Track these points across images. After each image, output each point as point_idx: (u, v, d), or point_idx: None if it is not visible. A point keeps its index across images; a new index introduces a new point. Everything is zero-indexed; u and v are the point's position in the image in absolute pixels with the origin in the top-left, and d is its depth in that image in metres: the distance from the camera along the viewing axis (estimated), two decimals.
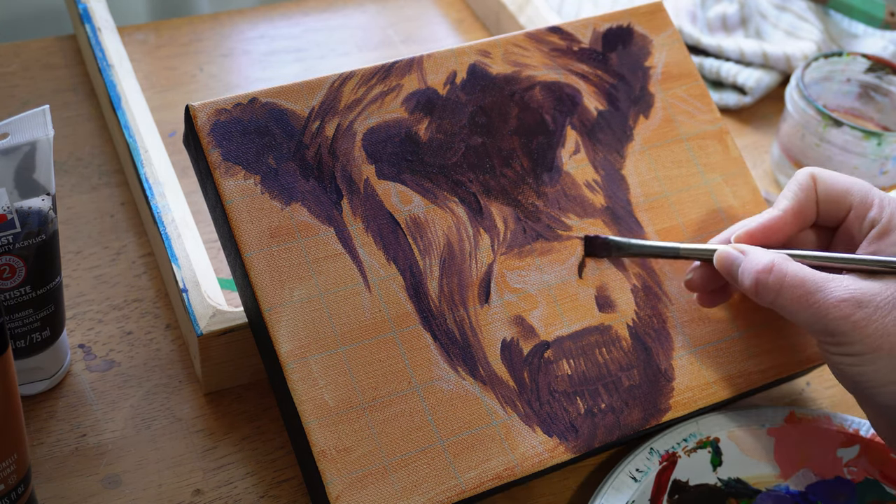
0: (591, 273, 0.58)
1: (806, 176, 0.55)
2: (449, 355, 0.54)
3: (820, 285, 0.50)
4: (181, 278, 0.58)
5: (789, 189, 0.55)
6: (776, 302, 0.51)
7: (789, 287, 0.51)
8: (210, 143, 0.54)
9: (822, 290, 0.50)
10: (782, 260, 0.52)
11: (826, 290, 0.50)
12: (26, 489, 0.50)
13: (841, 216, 0.55)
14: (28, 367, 0.57)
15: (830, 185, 0.55)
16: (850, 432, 0.57)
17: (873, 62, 0.77)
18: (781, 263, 0.51)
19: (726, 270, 0.54)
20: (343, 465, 0.50)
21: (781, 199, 0.55)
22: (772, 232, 0.55)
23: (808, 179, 0.55)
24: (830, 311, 0.50)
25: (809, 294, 0.50)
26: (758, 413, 0.58)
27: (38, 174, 0.53)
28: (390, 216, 0.55)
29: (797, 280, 0.51)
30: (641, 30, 0.64)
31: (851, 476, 0.57)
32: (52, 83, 0.79)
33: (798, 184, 0.55)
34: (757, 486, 0.57)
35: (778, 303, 0.51)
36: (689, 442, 0.56)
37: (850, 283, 0.50)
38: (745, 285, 0.52)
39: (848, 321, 0.49)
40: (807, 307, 0.50)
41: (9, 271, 0.53)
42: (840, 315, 0.49)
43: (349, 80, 0.57)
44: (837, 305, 0.49)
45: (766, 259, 0.52)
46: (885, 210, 0.53)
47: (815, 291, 0.50)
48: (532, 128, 0.59)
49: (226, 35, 0.86)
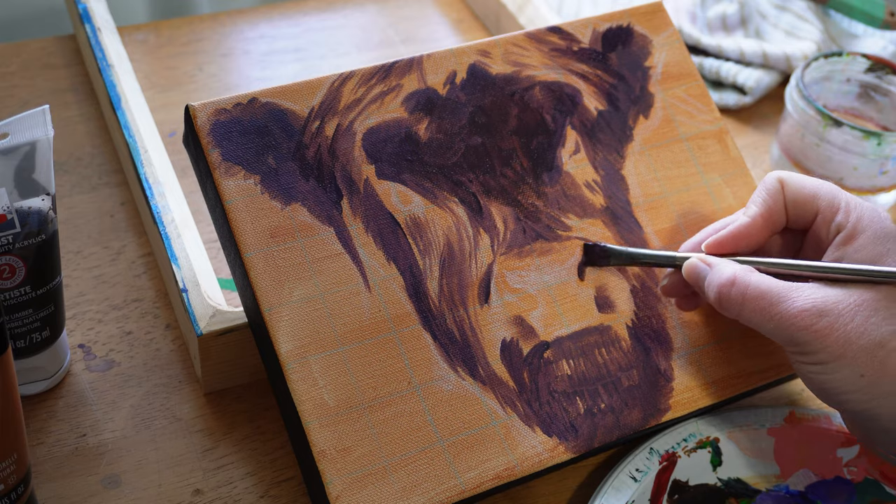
0: (591, 273, 0.58)
1: (774, 181, 0.55)
2: (449, 355, 0.54)
3: (782, 296, 0.50)
4: (181, 278, 0.58)
5: (758, 195, 0.55)
6: (741, 315, 0.52)
7: (751, 299, 0.51)
8: (210, 143, 0.54)
9: (783, 300, 0.50)
10: (745, 272, 0.52)
11: (788, 301, 0.50)
12: (26, 489, 0.50)
13: (809, 220, 0.55)
14: (28, 367, 0.57)
15: (798, 189, 0.55)
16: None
17: (873, 62, 0.77)
18: (743, 276, 0.52)
19: (694, 282, 0.54)
20: (343, 465, 0.50)
21: (751, 204, 0.55)
22: (741, 239, 0.55)
23: (776, 184, 0.55)
24: (792, 322, 0.50)
25: (771, 305, 0.50)
26: (758, 413, 0.58)
27: (38, 174, 0.53)
28: (390, 216, 0.55)
29: (759, 292, 0.51)
30: (641, 30, 0.64)
31: (851, 476, 0.57)
32: (52, 83, 0.79)
33: (767, 189, 0.55)
34: (757, 486, 0.57)
35: (742, 315, 0.52)
36: (688, 442, 0.56)
37: (812, 293, 0.50)
38: (710, 298, 0.53)
39: (810, 331, 0.49)
40: (769, 318, 0.50)
41: (9, 271, 0.53)
42: (802, 325, 0.50)
43: (349, 79, 0.57)
44: (799, 315, 0.50)
45: (728, 272, 0.52)
46: (851, 215, 0.53)
47: (776, 303, 0.50)
48: (532, 128, 0.59)
49: (226, 35, 0.86)
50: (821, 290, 0.50)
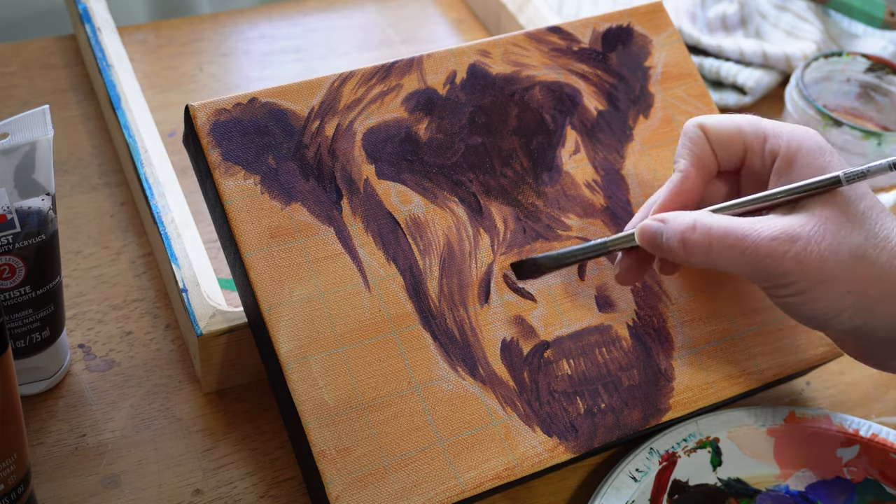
0: (592, 273, 0.58)
1: (693, 127, 0.54)
2: (449, 355, 0.54)
3: (747, 230, 0.49)
4: (181, 278, 0.58)
5: (682, 146, 0.54)
6: (709, 258, 0.50)
7: (717, 238, 0.49)
8: (210, 143, 0.54)
9: (751, 233, 0.49)
10: (704, 215, 0.50)
11: (755, 233, 0.49)
12: (26, 489, 0.50)
13: (740, 157, 0.54)
14: (28, 367, 0.57)
15: (720, 129, 0.53)
16: (850, 432, 0.57)
17: (873, 62, 0.77)
18: (703, 218, 0.50)
19: (651, 244, 0.52)
20: (343, 465, 0.50)
21: (678, 159, 0.54)
22: (682, 195, 0.53)
23: (696, 131, 0.54)
24: (767, 253, 0.48)
25: (739, 240, 0.49)
26: (758, 413, 0.58)
27: (37, 174, 0.53)
28: (390, 216, 0.55)
29: (723, 230, 0.49)
30: (641, 30, 0.64)
31: (851, 476, 0.57)
32: (52, 83, 0.79)
33: (689, 139, 0.54)
34: (757, 486, 0.57)
35: (711, 259, 0.50)
36: (688, 442, 0.56)
37: (776, 222, 0.49)
38: (674, 249, 0.51)
39: (786, 258, 0.48)
40: (741, 254, 0.49)
41: (9, 271, 0.53)
42: (777, 254, 0.48)
43: (349, 79, 0.57)
44: (770, 245, 0.48)
45: (688, 219, 0.50)
46: (780, 139, 0.52)
47: (744, 237, 0.49)
48: (532, 128, 0.59)
49: (226, 35, 0.86)
50: (783, 218, 0.49)
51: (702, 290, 0.59)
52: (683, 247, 0.50)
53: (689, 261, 0.51)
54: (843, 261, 0.48)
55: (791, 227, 0.49)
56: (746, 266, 0.49)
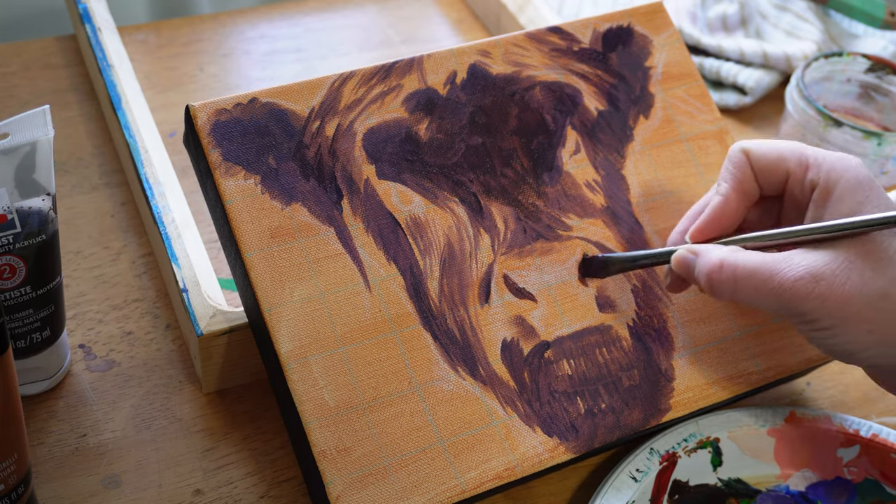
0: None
1: (738, 152, 0.54)
2: (449, 355, 0.54)
3: (773, 269, 0.49)
4: (181, 278, 0.58)
5: (726, 170, 0.54)
6: (735, 296, 0.51)
7: (743, 279, 0.50)
8: (210, 143, 0.54)
9: (776, 273, 0.49)
10: (731, 253, 0.51)
11: (780, 273, 0.49)
12: (26, 489, 0.50)
13: (781, 184, 0.54)
14: (28, 367, 0.57)
15: (763, 155, 0.54)
16: (851, 432, 0.57)
17: (873, 62, 0.77)
18: (731, 258, 0.51)
19: (685, 273, 0.53)
20: (343, 465, 0.50)
21: (721, 182, 0.54)
22: (722, 220, 0.54)
23: (740, 156, 0.54)
24: (791, 293, 0.49)
25: (765, 282, 0.49)
26: (758, 413, 0.58)
27: (38, 174, 0.53)
28: (390, 216, 0.55)
29: (748, 270, 0.50)
30: (641, 30, 0.64)
31: (851, 476, 0.57)
32: (52, 83, 0.79)
33: (733, 163, 0.54)
34: (757, 486, 0.57)
35: (737, 296, 0.51)
36: (689, 442, 0.56)
37: (801, 259, 0.49)
38: (703, 286, 0.52)
39: (810, 298, 0.48)
40: (766, 294, 0.50)
41: (9, 271, 0.53)
42: (800, 294, 0.49)
43: (349, 80, 0.57)
44: (794, 286, 0.49)
45: (715, 257, 0.51)
46: (821, 169, 0.52)
47: (769, 277, 0.49)
48: (532, 128, 0.59)
49: (226, 35, 0.86)
50: (809, 254, 0.50)
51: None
52: (710, 284, 0.51)
53: (716, 297, 0.52)
54: (866, 301, 0.49)
55: (816, 267, 0.49)
56: (773, 304, 0.50)
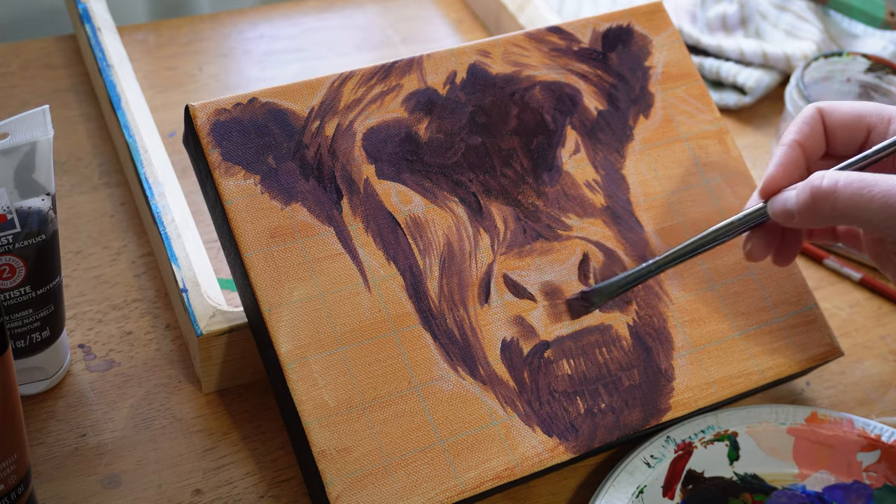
0: (592, 272, 0.58)
1: (812, 110, 0.54)
2: (449, 355, 0.54)
3: (877, 178, 0.48)
4: (181, 278, 0.58)
5: (794, 124, 0.54)
6: (836, 207, 0.49)
7: (845, 185, 0.49)
8: (210, 143, 0.54)
9: (880, 179, 0.48)
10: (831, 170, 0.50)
11: (885, 179, 0.48)
12: (26, 489, 0.50)
13: (861, 140, 0.54)
14: (28, 366, 0.57)
15: (841, 114, 0.54)
16: (872, 437, 0.57)
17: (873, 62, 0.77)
18: (831, 172, 0.50)
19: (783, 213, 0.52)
20: (343, 465, 0.50)
21: (787, 134, 0.54)
22: (788, 168, 0.53)
23: (813, 113, 0.54)
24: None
25: (869, 186, 0.48)
26: (779, 410, 0.58)
27: (38, 174, 0.53)
28: (390, 216, 0.55)
29: (853, 177, 0.49)
30: (641, 30, 0.64)
31: (870, 481, 0.57)
32: (52, 83, 0.79)
33: (803, 118, 0.54)
34: (773, 483, 0.57)
35: (838, 207, 0.49)
36: (706, 433, 0.56)
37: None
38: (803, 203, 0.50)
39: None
40: (870, 199, 0.48)
41: (9, 271, 0.53)
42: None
43: (349, 79, 0.57)
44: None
45: (816, 175, 0.50)
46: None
47: (874, 183, 0.48)
48: (532, 128, 0.59)
49: (226, 35, 0.86)
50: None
51: (702, 290, 0.59)
52: (812, 198, 0.50)
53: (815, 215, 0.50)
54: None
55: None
56: (875, 214, 0.48)
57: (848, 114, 0.54)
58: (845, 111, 0.54)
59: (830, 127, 0.54)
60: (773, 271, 0.61)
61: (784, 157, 0.54)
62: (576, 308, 0.56)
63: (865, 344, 0.66)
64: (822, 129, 0.54)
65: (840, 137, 0.54)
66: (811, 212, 0.51)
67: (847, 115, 0.54)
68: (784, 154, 0.54)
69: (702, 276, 0.59)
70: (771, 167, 0.54)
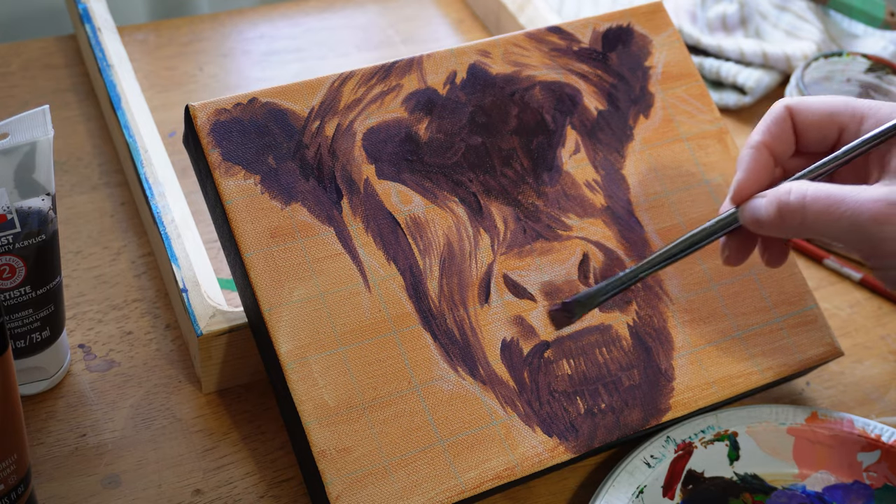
0: (592, 272, 0.58)
1: (780, 108, 0.53)
2: (449, 355, 0.54)
3: (846, 193, 0.48)
4: (181, 278, 0.58)
5: (763, 123, 0.53)
6: (804, 222, 0.49)
7: (812, 201, 0.48)
8: (210, 143, 0.54)
9: (848, 195, 0.47)
10: (800, 183, 0.50)
11: (854, 195, 0.47)
12: (26, 489, 0.50)
13: (833, 139, 0.53)
14: (28, 366, 0.57)
15: (812, 112, 0.53)
16: (872, 437, 0.57)
17: (873, 62, 0.77)
18: (799, 184, 0.49)
19: (753, 220, 0.51)
20: (343, 465, 0.50)
21: (754, 134, 0.53)
22: (757, 171, 0.53)
23: (782, 111, 0.53)
24: (867, 215, 0.47)
25: (837, 203, 0.48)
26: (778, 410, 0.58)
27: (38, 174, 0.53)
28: (390, 216, 0.55)
29: (819, 194, 0.48)
30: (641, 30, 0.64)
31: (871, 481, 0.57)
32: (52, 83, 0.79)
33: (771, 117, 0.53)
34: (773, 483, 0.57)
35: (806, 222, 0.49)
36: (706, 433, 0.56)
37: (876, 189, 0.47)
38: (771, 217, 0.50)
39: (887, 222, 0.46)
40: (839, 217, 0.48)
41: (9, 271, 0.53)
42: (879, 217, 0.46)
43: (349, 79, 0.57)
44: (872, 205, 0.47)
45: (784, 187, 0.50)
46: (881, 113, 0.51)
47: (842, 200, 0.47)
48: (532, 128, 0.59)
49: (226, 35, 0.86)
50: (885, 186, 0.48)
51: (702, 290, 0.59)
52: (779, 212, 0.50)
53: (783, 228, 0.50)
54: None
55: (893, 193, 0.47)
56: (846, 229, 0.48)
57: (819, 112, 0.53)
58: (816, 109, 0.53)
59: (801, 126, 0.53)
60: (773, 271, 0.61)
61: (751, 162, 0.53)
62: (557, 318, 0.55)
63: (865, 344, 0.66)
64: (790, 128, 0.53)
65: (811, 136, 0.53)
66: (778, 226, 0.50)
67: (818, 114, 0.53)
68: (751, 157, 0.53)
69: (702, 276, 0.59)
70: (739, 172, 0.53)
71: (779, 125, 0.53)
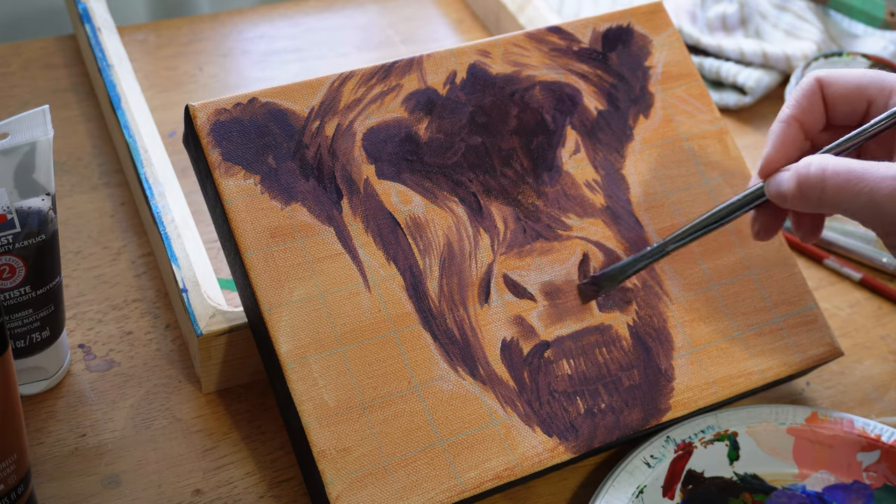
0: (592, 272, 0.58)
1: (811, 81, 0.53)
2: (449, 355, 0.54)
3: (867, 170, 0.47)
4: (181, 278, 0.58)
5: (793, 97, 0.53)
6: (823, 197, 0.48)
7: (832, 175, 0.48)
8: (210, 143, 0.54)
9: (869, 171, 0.47)
10: (822, 157, 0.49)
11: (873, 171, 0.47)
12: (26, 489, 0.50)
13: (861, 112, 0.53)
14: (28, 366, 0.57)
15: (841, 85, 0.53)
16: (872, 437, 0.57)
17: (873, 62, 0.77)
18: (820, 159, 0.49)
19: (777, 193, 0.51)
20: (343, 465, 0.50)
21: (785, 108, 0.53)
22: (786, 144, 0.52)
23: (812, 85, 0.53)
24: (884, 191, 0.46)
25: (857, 179, 0.47)
26: (778, 410, 0.58)
27: (37, 174, 0.53)
28: (390, 216, 0.55)
29: (841, 167, 0.48)
30: (641, 30, 0.64)
31: (870, 481, 0.57)
32: (52, 83, 0.79)
33: (802, 91, 0.53)
34: (773, 483, 0.57)
35: (825, 198, 0.48)
36: (706, 433, 0.56)
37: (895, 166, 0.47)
38: (791, 189, 0.50)
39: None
40: (857, 193, 0.47)
41: (9, 271, 0.53)
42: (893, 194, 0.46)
43: (349, 79, 0.57)
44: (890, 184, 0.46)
45: (804, 160, 0.49)
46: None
47: (861, 178, 0.47)
48: (532, 128, 0.59)
49: (226, 35, 0.86)
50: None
51: (702, 290, 0.59)
52: (798, 186, 0.49)
53: (803, 201, 0.50)
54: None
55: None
56: (863, 206, 0.47)
57: (848, 85, 0.53)
58: (845, 82, 0.53)
59: (830, 99, 0.53)
60: (773, 271, 0.61)
61: (781, 135, 0.53)
62: (585, 292, 0.56)
63: (865, 344, 0.66)
64: (821, 101, 0.53)
65: (840, 109, 0.53)
66: (799, 199, 0.50)
67: (847, 87, 0.53)
68: (781, 131, 0.53)
69: (702, 276, 0.59)
70: (768, 146, 0.53)
71: (808, 98, 0.53)
